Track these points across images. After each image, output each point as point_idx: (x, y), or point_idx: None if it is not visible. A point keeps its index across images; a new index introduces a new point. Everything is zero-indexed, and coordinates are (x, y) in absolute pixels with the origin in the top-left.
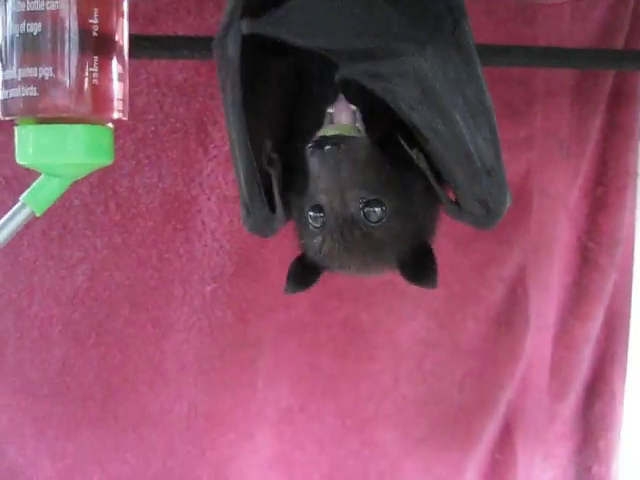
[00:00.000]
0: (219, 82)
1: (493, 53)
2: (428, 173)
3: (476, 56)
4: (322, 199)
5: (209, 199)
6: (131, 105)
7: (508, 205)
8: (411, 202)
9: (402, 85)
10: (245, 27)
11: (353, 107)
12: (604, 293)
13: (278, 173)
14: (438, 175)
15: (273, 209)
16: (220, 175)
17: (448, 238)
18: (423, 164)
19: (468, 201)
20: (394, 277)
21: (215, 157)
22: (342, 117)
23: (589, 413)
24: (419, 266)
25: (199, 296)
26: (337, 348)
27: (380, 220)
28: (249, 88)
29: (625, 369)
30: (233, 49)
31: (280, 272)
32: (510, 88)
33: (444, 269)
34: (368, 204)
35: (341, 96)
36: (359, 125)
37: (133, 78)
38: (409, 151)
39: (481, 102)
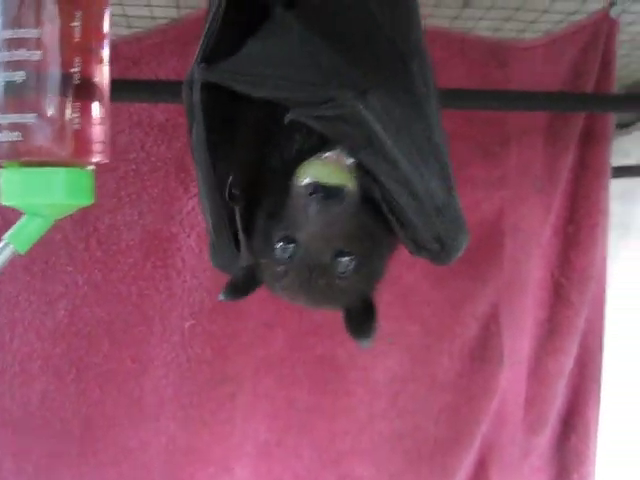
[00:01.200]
0: (187, 123)
1: (466, 97)
2: (384, 207)
3: (425, 96)
4: (299, 236)
5: (189, 237)
6: (113, 144)
7: (464, 240)
8: (375, 256)
9: (346, 128)
10: (198, 74)
11: (351, 160)
12: (576, 329)
13: (241, 209)
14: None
15: (238, 248)
16: (200, 213)
17: (424, 275)
18: (378, 198)
19: (422, 237)
20: None
21: (195, 195)
22: (338, 163)
23: (564, 447)
24: (361, 321)
25: (178, 332)
26: (314, 384)
27: (346, 271)
28: (214, 128)
29: (599, 404)
30: (195, 93)
31: (258, 309)
32: (484, 128)
33: (419, 306)
34: (340, 254)
35: (339, 146)
36: (353, 177)
37: (115, 117)
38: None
39: (429, 140)
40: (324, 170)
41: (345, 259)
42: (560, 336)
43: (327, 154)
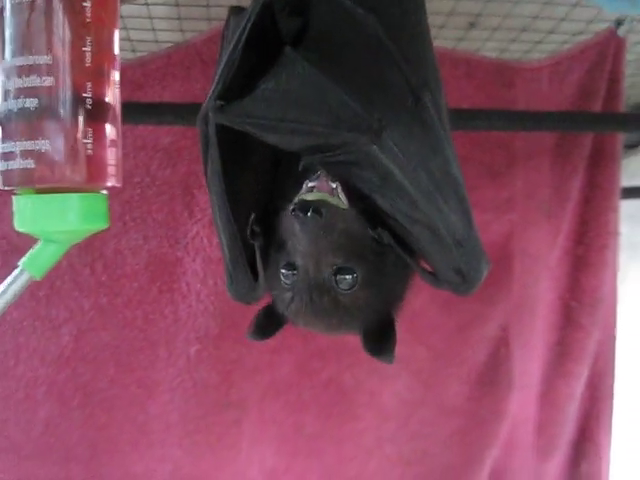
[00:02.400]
0: (201, 155)
1: (472, 117)
2: (398, 249)
3: (440, 128)
4: (297, 260)
5: (194, 261)
6: None
7: (485, 271)
8: (384, 273)
9: (360, 171)
10: (212, 117)
11: (333, 184)
12: (587, 352)
13: (261, 245)
14: (411, 248)
15: (256, 277)
16: (205, 237)
17: (432, 299)
18: (389, 241)
19: (443, 271)
20: None
21: (200, 220)
22: (323, 190)
23: (575, 472)
24: (380, 339)
25: (184, 357)
26: (321, 408)
27: (350, 288)
28: (230, 161)
29: (610, 428)
30: (211, 129)
31: None
32: (491, 150)
33: (428, 330)
34: (340, 271)
35: (322, 171)
36: (342, 197)
37: None
38: (371, 232)
39: (447, 174)
40: (310, 195)
41: (345, 275)
42: (571, 359)
43: (312, 183)
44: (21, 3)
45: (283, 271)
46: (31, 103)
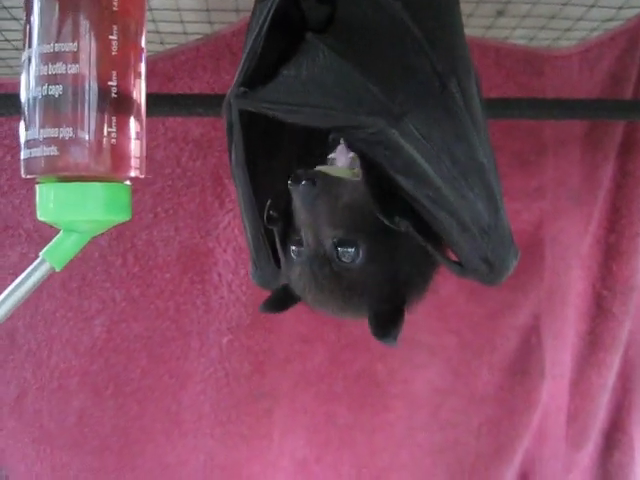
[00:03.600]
0: (227, 142)
1: (502, 106)
2: (419, 238)
3: (467, 115)
4: (302, 234)
5: (225, 251)
6: (149, 159)
7: (514, 261)
8: (395, 252)
9: (382, 152)
10: (234, 103)
11: (352, 153)
12: (619, 341)
13: (280, 230)
14: (437, 236)
15: (279, 264)
16: (236, 228)
17: (460, 287)
18: (408, 229)
19: (469, 260)
20: (407, 327)
21: (231, 210)
22: (341, 161)
23: (608, 463)
24: (387, 322)
25: (216, 347)
26: (352, 399)
27: (352, 261)
28: (254, 148)
29: None
30: (234, 116)
31: (296, 323)
32: (520, 138)
33: (457, 318)
34: (341, 243)
35: (342, 142)
36: (357, 170)
37: (151, 133)
38: (385, 221)
39: (473, 160)
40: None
41: (347, 248)
42: (603, 349)
43: (331, 155)
44: None
45: (293, 248)
46: (56, 90)
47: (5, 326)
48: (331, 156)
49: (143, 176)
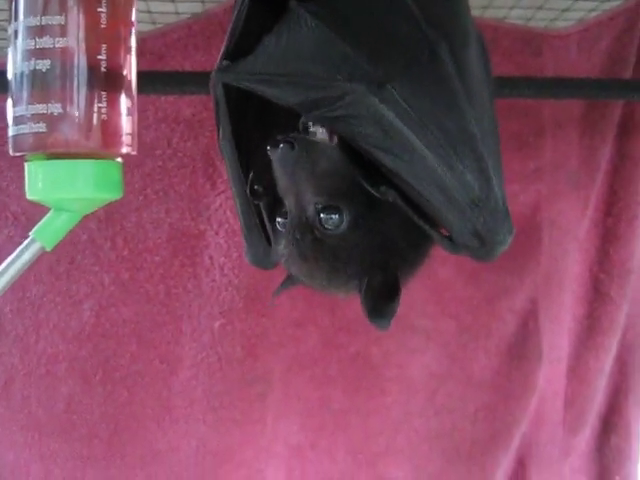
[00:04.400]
0: (215, 118)
1: (499, 85)
2: (407, 209)
3: (459, 84)
4: (286, 203)
5: (217, 234)
6: (139, 140)
7: (507, 235)
8: (382, 221)
9: (360, 126)
10: (216, 77)
11: (321, 129)
12: (617, 325)
13: (266, 205)
14: (423, 210)
15: (270, 242)
16: (228, 210)
17: (458, 270)
18: (395, 199)
19: (459, 234)
20: (403, 311)
21: (223, 192)
22: (317, 131)
23: (605, 447)
24: (380, 301)
25: (208, 332)
26: (347, 383)
27: (336, 228)
28: (241, 123)
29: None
30: (218, 91)
31: (289, 307)
32: (518, 120)
33: (455, 302)
34: (324, 210)
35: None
36: (335, 139)
37: (141, 113)
38: (371, 190)
39: (463, 130)
40: None
41: (331, 214)
42: (600, 332)
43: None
44: None
45: (279, 220)
46: (43, 65)
47: None
48: (311, 130)
49: (135, 153)
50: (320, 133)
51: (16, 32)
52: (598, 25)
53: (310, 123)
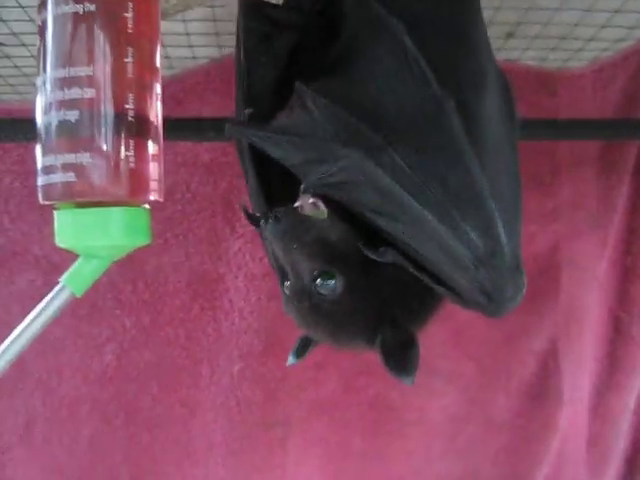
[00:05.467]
0: (241, 166)
1: None
2: (410, 266)
3: (464, 138)
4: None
5: (236, 277)
6: None
7: (517, 289)
8: (382, 280)
9: (358, 192)
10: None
11: (311, 199)
12: (638, 364)
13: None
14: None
15: None
16: (247, 253)
17: (478, 313)
18: (396, 259)
19: (465, 291)
20: (423, 353)
21: (242, 235)
22: (307, 202)
23: None
24: (401, 356)
25: (227, 375)
26: (367, 427)
27: (332, 292)
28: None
29: None
30: (244, 140)
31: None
32: (534, 159)
33: (475, 343)
34: (319, 276)
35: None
36: (321, 209)
37: None
38: (369, 254)
39: (469, 187)
40: None
41: (326, 280)
42: (622, 372)
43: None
44: (64, 15)
45: (285, 284)
46: (72, 115)
47: None
48: (296, 205)
49: (162, 199)
50: (311, 203)
51: (44, 83)
52: (613, 65)
53: (301, 194)
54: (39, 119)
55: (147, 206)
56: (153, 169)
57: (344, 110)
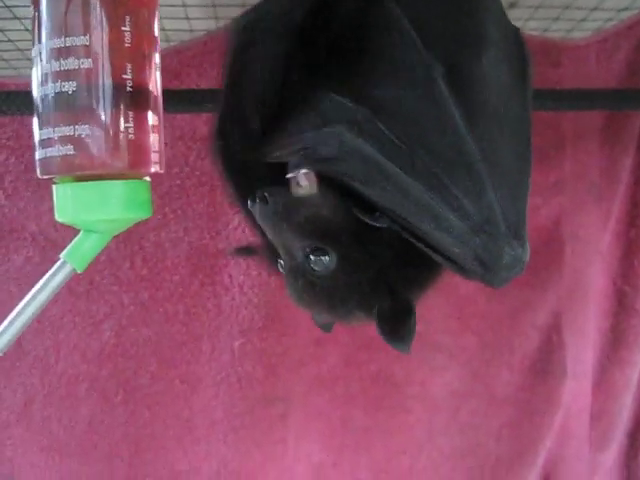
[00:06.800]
0: None
1: None
2: (405, 233)
3: (452, 104)
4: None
5: None
6: None
7: (515, 256)
8: (377, 252)
9: (344, 165)
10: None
11: (304, 170)
12: None
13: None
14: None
15: None
16: (247, 228)
17: (479, 285)
18: (390, 225)
19: (462, 260)
20: (424, 328)
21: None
22: (297, 179)
23: (632, 463)
24: (397, 325)
25: (228, 351)
26: (369, 401)
27: (325, 268)
28: None
29: None
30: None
31: (309, 325)
32: (538, 132)
33: (477, 317)
34: (312, 253)
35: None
36: (310, 184)
37: None
38: (364, 218)
39: (459, 153)
40: None
41: (319, 257)
42: (625, 346)
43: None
44: None
45: (280, 261)
46: (69, 87)
47: None
48: (289, 176)
49: (162, 171)
50: (303, 174)
51: (40, 54)
52: (616, 35)
53: (289, 172)
54: (35, 91)
55: (148, 178)
56: (153, 140)
57: (329, 89)
